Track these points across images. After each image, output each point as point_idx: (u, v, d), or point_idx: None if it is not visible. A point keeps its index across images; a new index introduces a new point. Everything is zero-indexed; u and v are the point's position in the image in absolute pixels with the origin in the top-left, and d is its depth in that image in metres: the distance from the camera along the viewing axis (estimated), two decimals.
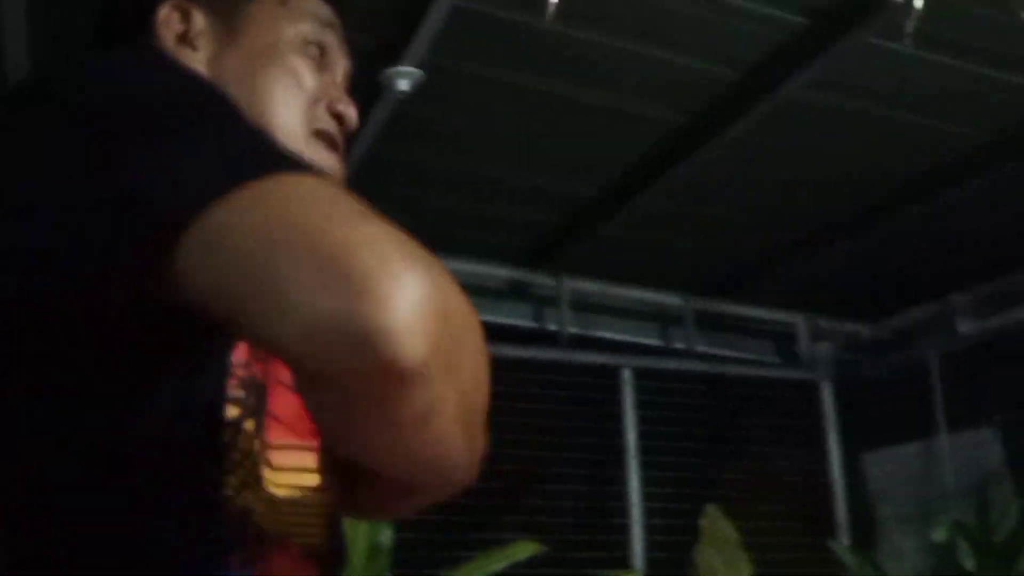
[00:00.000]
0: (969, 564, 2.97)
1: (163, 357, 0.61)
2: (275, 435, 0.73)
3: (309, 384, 0.53)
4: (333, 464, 0.67)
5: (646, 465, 4.14)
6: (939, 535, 3.06)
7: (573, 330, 4.29)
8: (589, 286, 4.33)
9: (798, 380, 4.62)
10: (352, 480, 0.64)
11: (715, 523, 2.59)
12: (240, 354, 0.72)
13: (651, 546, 4.03)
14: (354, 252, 0.48)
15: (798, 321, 4.64)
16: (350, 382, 0.49)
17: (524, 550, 2.65)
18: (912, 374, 4.35)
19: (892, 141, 3.26)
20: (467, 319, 0.52)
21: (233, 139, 0.59)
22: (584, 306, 4.37)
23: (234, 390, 0.71)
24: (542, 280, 4.29)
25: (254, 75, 0.83)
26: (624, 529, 4.05)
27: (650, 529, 4.05)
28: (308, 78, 0.85)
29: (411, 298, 0.48)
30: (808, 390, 4.61)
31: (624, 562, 3.92)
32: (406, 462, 0.54)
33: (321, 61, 0.87)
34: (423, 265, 0.50)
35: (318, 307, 0.48)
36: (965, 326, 4.24)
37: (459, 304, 0.52)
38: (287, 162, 0.56)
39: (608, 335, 4.47)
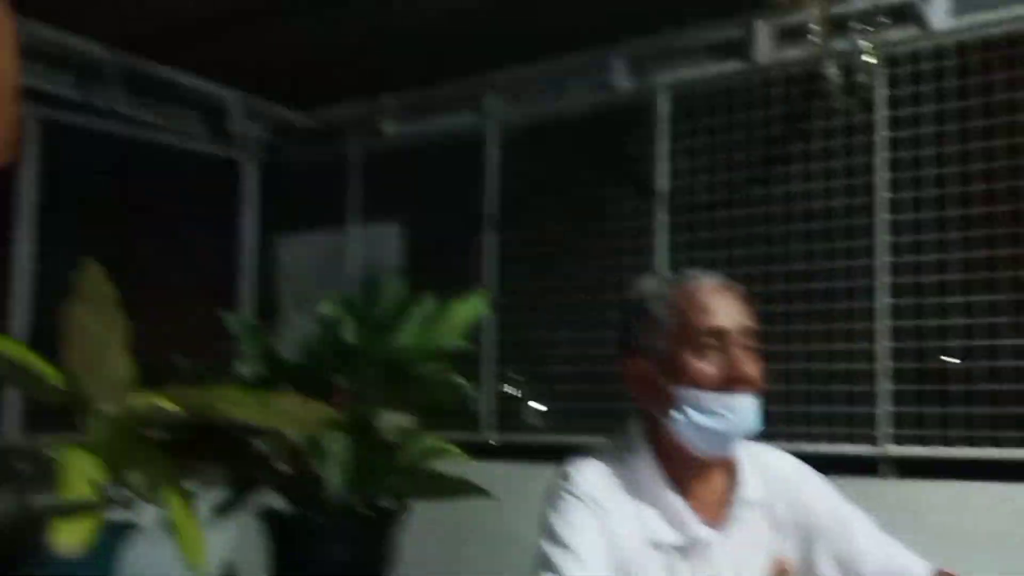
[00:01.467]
0: (351, 336, 3.23)
1: None
2: None
3: None
4: None
5: (42, 225, 3.79)
6: (326, 308, 3.27)
7: None
8: None
9: (224, 158, 4.53)
10: None
11: (92, 281, 2.42)
12: None
13: (39, 314, 3.75)
14: None
15: (232, 97, 4.49)
16: None
17: None
18: (335, 167, 4.53)
19: None
20: None
21: None
22: None
23: None
24: None
25: None
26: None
27: (40, 296, 3.76)
28: None
29: None
30: (233, 168, 4.55)
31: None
32: None
33: None
34: None
35: None
36: (389, 127, 4.49)
37: None
38: None
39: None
